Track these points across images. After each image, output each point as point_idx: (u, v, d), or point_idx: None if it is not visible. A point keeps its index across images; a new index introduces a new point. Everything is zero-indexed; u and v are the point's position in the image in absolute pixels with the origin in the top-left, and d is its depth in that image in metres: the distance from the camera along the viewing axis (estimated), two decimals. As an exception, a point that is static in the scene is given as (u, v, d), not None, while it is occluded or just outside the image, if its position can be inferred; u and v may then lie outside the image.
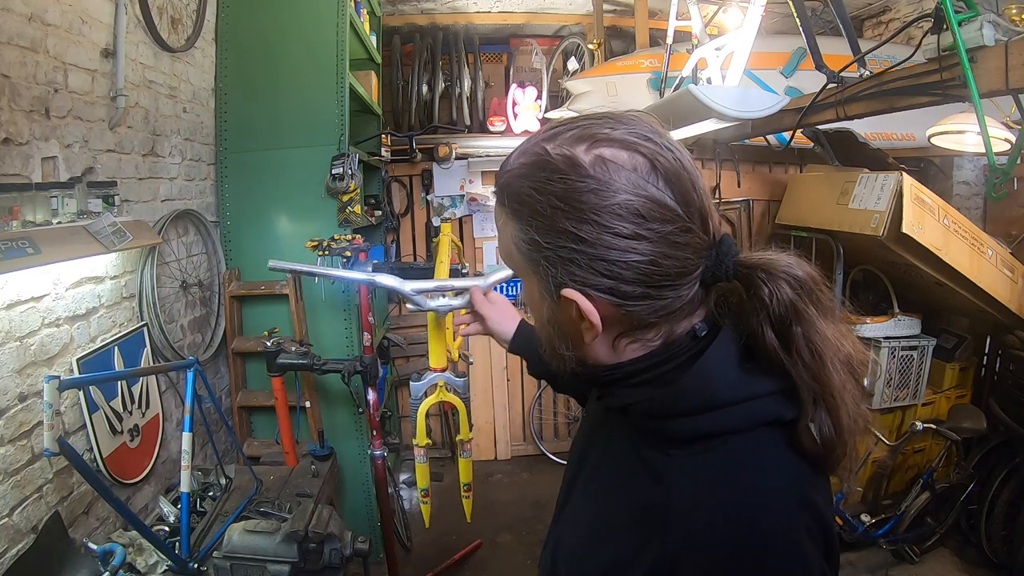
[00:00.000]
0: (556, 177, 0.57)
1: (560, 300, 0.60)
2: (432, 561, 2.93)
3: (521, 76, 4.31)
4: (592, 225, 0.56)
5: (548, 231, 0.58)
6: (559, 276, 0.59)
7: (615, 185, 0.55)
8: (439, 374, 1.48)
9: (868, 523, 2.68)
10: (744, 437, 0.58)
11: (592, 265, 0.57)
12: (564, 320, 0.62)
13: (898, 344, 2.86)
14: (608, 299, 0.58)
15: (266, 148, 2.60)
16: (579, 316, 0.60)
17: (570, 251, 0.57)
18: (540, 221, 0.58)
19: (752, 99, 2.01)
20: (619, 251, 0.56)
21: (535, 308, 0.66)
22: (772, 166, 3.43)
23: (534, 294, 0.64)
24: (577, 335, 0.62)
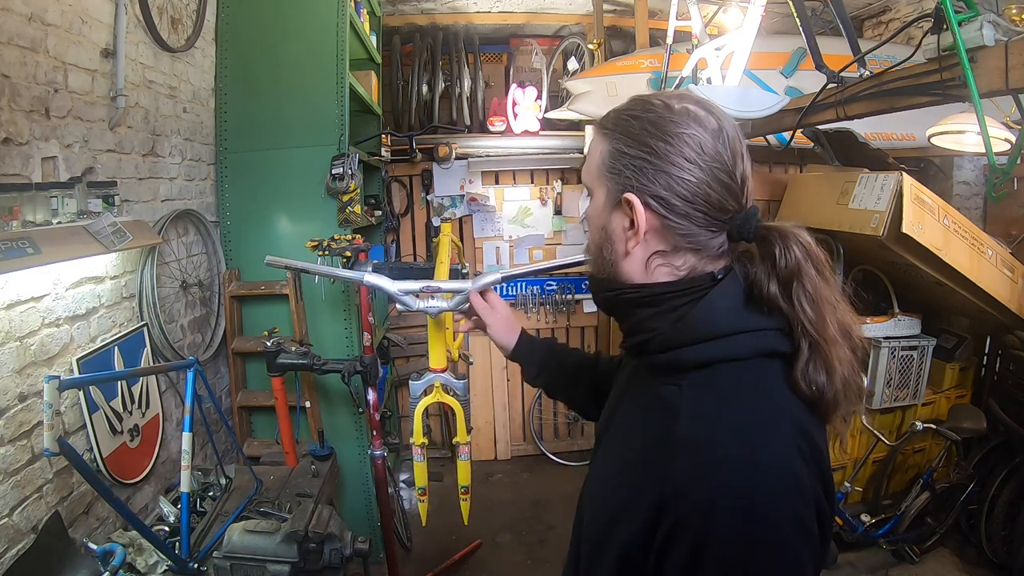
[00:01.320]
0: (651, 109, 0.74)
1: (621, 204, 0.74)
2: (432, 561, 2.93)
3: (521, 76, 4.31)
4: (666, 143, 0.71)
5: (633, 143, 0.73)
6: (629, 181, 0.73)
7: (691, 125, 0.72)
8: (437, 375, 1.48)
9: (868, 523, 2.68)
10: (745, 364, 0.68)
11: (656, 177, 0.71)
12: (617, 228, 0.76)
13: (898, 344, 2.86)
14: (658, 209, 0.71)
15: (266, 148, 2.60)
16: (630, 224, 0.74)
17: (643, 161, 0.72)
18: (629, 137, 0.74)
19: (752, 99, 2.01)
20: (678, 168, 0.71)
21: (595, 219, 0.79)
22: (772, 166, 3.42)
23: (599, 204, 0.78)
24: (622, 243, 0.75)
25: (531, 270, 1.62)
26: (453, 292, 1.43)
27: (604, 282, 0.80)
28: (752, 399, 0.67)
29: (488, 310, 1.25)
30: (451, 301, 1.43)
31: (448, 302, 1.43)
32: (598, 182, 0.78)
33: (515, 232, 4.18)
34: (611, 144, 0.76)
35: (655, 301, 0.74)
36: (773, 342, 0.69)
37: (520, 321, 4.60)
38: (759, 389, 0.68)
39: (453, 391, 1.49)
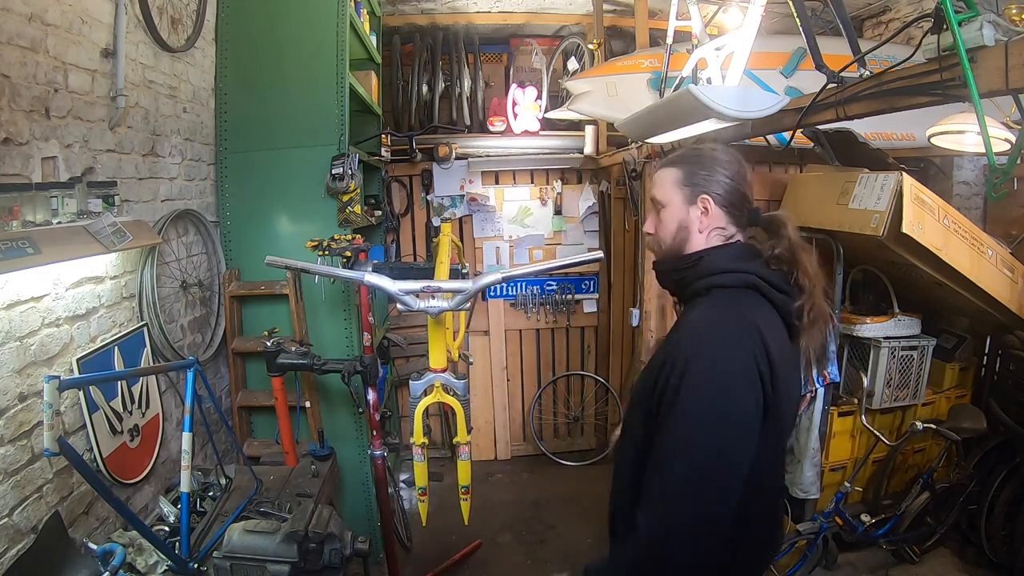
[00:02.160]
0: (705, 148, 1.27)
1: (697, 202, 1.21)
2: (432, 561, 2.93)
3: (521, 76, 4.31)
4: (715, 165, 1.22)
5: (699, 168, 1.22)
6: (699, 188, 1.21)
7: (725, 157, 1.23)
8: (437, 375, 1.48)
9: (868, 523, 2.68)
10: (733, 289, 1.14)
11: (711, 185, 1.20)
12: (693, 219, 1.21)
13: (898, 344, 2.86)
14: (717, 199, 1.20)
15: (266, 148, 2.60)
16: (704, 211, 1.20)
17: (705, 177, 1.21)
18: (694, 165, 1.23)
19: (752, 99, 2.00)
20: (721, 178, 1.21)
21: (667, 220, 1.24)
22: (772, 166, 3.42)
23: (676, 206, 1.23)
24: (694, 224, 1.21)
25: (531, 270, 1.62)
26: (453, 292, 1.43)
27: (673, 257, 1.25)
28: (728, 307, 1.11)
29: None
30: (451, 301, 1.43)
31: (448, 302, 1.43)
32: (674, 192, 1.23)
33: (515, 232, 4.18)
34: (682, 171, 1.23)
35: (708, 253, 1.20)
36: (750, 279, 1.14)
37: (520, 321, 4.60)
38: (734, 303, 1.12)
39: (453, 391, 1.49)
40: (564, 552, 3.07)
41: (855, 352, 3.00)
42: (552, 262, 1.52)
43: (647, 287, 3.16)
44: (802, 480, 2.86)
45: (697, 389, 1.02)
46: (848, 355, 3.00)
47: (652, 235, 1.30)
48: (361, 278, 1.46)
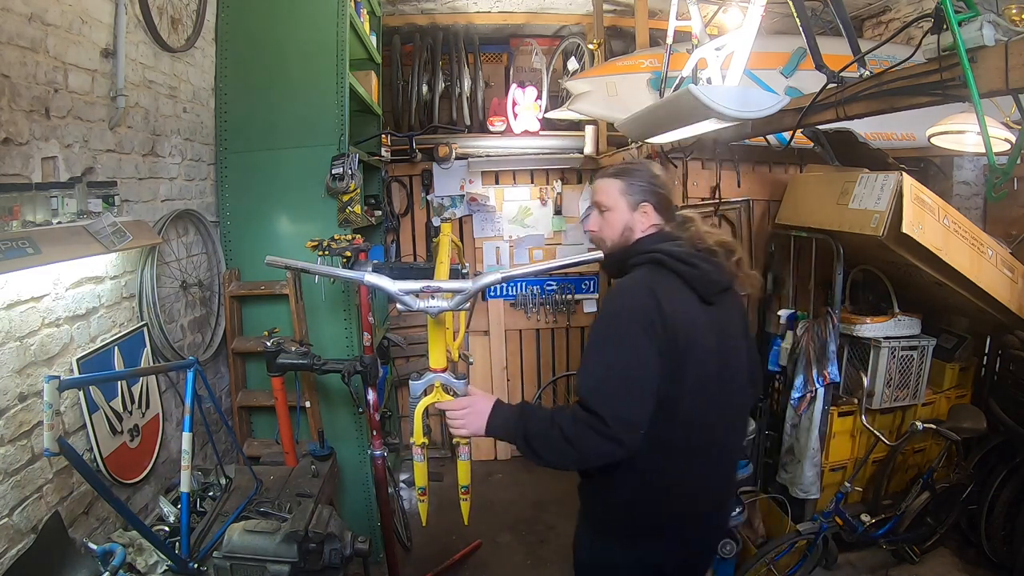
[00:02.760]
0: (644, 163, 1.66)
1: (639, 207, 1.51)
2: (432, 561, 2.93)
3: (521, 76, 4.31)
4: (656, 178, 1.54)
5: (642, 180, 1.52)
6: (641, 198, 1.51)
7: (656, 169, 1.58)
8: (437, 375, 1.48)
9: (868, 523, 2.67)
10: (644, 266, 1.44)
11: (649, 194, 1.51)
12: (636, 221, 1.52)
13: (898, 344, 2.86)
14: (655, 205, 1.51)
15: (266, 148, 2.60)
16: (643, 213, 1.51)
17: (643, 188, 1.51)
18: (638, 177, 1.53)
19: (752, 99, 2.00)
20: (655, 188, 1.52)
21: (614, 222, 1.53)
22: (772, 166, 3.42)
23: (619, 211, 1.53)
24: (638, 227, 1.52)
25: (531, 270, 1.64)
26: (453, 292, 1.43)
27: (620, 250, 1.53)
28: (636, 278, 1.43)
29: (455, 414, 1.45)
30: (451, 301, 1.43)
31: (449, 302, 1.43)
32: (619, 200, 1.53)
33: (515, 232, 4.18)
34: (625, 182, 1.53)
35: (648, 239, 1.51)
36: (654, 256, 1.43)
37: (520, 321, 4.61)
38: (642, 273, 1.43)
39: (453, 391, 1.49)
40: (564, 552, 3.05)
41: (855, 352, 3.00)
42: (552, 262, 1.53)
43: (647, 287, 3.15)
44: (802, 480, 2.86)
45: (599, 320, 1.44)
46: (848, 355, 3.00)
47: (595, 232, 1.59)
48: (361, 278, 1.46)
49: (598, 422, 1.29)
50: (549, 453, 1.36)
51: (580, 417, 1.31)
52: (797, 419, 2.91)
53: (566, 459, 1.37)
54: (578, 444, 1.31)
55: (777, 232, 3.23)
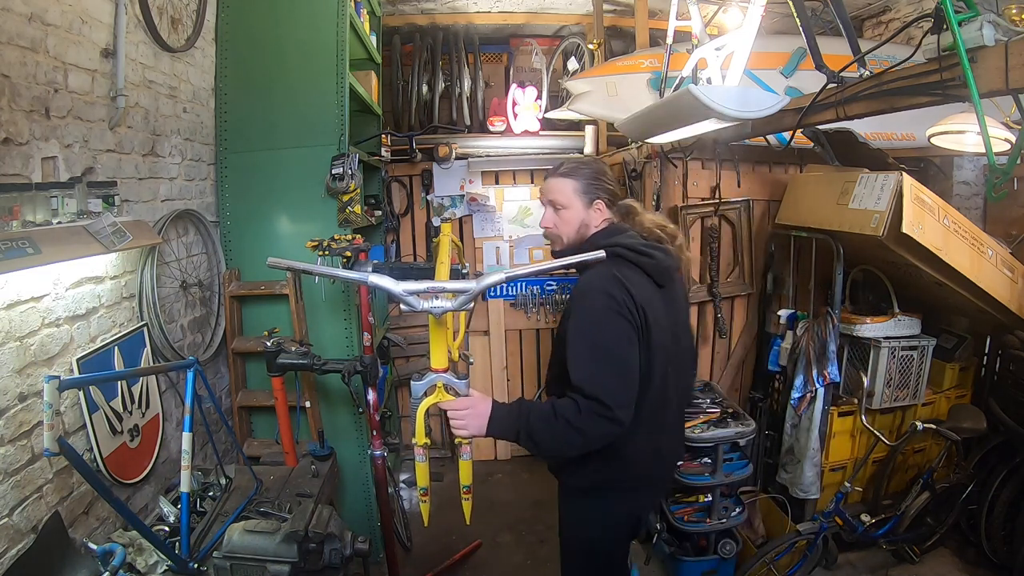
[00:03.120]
0: (592, 162, 1.77)
1: (592, 205, 1.63)
2: (432, 561, 2.93)
3: (521, 76, 4.31)
4: (604, 175, 1.68)
5: (593, 179, 1.64)
6: (594, 196, 1.63)
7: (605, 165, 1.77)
8: (439, 375, 1.48)
9: (868, 523, 2.67)
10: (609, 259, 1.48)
11: (601, 190, 1.64)
12: (591, 217, 1.64)
13: (898, 344, 2.86)
14: (606, 201, 1.65)
15: (266, 148, 2.60)
16: (596, 210, 1.63)
17: (597, 185, 1.64)
18: (590, 176, 1.65)
19: (752, 99, 2.00)
20: (609, 183, 1.67)
21: (570, 219, 1.64)
22: (772, 166, 3.42)
23: (575, 209, 1.64)
24: (593, 222, 1.64)
25: (533, 270, 1.64)
26: (457, 292, 1.43)
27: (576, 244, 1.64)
28: (602, 271, 1.51)
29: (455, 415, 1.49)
30: (455, 301, 1.43)
31: (452, 302, 1.43)
32: (575, 199, 1.64)
33: (515, 232, 4.18)
34: (578, 180, 1.64)
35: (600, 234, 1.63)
36: (615, 250, 1.52)
37: (520, 321, 4.59)
38: (607, 266, 1.50)
39: (455, 391, 1.49)
40: (564, 552, 3.07)
41: (855, 352, 3.00)
42: (554, 262, 1.53)
43: (647, 287, 3.16)
44: (802, 480, 2.86)
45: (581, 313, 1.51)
46: (848, 355, 3.00)
47: (551, 229, 1.68)
48: (365, 279, 1.46)
49: (601, 407, 1.39)
50: (553, 443, 1.46)
51: (583, 405, 1.40)
52: (797, 419, 2.92)
53: (572, 446, 1.46)
54: (586, 430, 1.41)
55: (777, 232, 3.23)
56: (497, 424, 1.47)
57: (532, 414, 1.45)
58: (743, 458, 2.74)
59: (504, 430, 1.47)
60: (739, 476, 2.65)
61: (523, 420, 1.45)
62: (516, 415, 1.46)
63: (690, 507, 2.73)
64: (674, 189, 3.12)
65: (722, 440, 2.59)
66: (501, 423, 1.46)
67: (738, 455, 2.75)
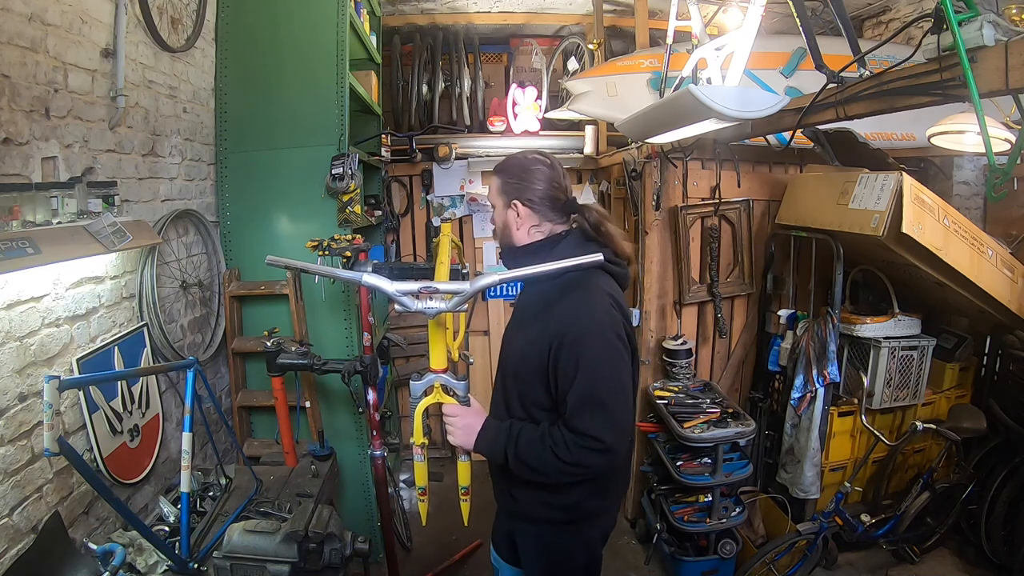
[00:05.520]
0: (519, 159, 1.55)
1: (511, 207, 1.51)
2: (432, 561, 2.93)
3: (521, 76, 4.31)
4: (529, 174, 1.50)
5: (512, 177, 1.52)
6: (512, 196, 1.51)
7: (537, 164, 1.52)
8: (437, 375, 1.48)
9: (868, 523, 2.68)
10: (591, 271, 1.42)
11: (525, 191, 1.50)
12: (510, 219, 1.52)
13: (898, 344, 2.86)
14: (528, 205, 1.50)
15: (266, 148, 2.60)
16: (516, 214, 1.51)
17: (517, 185, 1.50)
18: (510, 174, 1.53)
19: (752, 99, 2.00)
20: (535, 184, 1.49)
21: (499, 218, 1.56)
22: (772, 166, 3.42)
23: (500, 210, 1.55)
24: (514, 225, 1.53)
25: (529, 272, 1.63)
26: (452, 293, 1.43)
27: (509, 249, 1.56)
28: (588, 287, 1.42)
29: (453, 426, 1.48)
30: (450, 302, 1.43)
31: (447, 303, 1.43)
32: (497, 198, 1.55)
33: (515, 232, 4.17)
34: (502, 180, 1.53)
35: (535, 249, 1.52)
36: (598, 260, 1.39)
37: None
38: (591, 282, 1.43)
39: (453, 392, 1.49)
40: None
41: (855, 352, 3.00)
42: (550, 264, 1.52)
43: (647, 287, 3.16)
44: (802, 480, 2.86)
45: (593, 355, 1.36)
46: (848, 355, 3.00)
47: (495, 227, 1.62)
48: (359, 278, 1.46)
49: (597, 443, 1.34)
50: (542, 472, 1.41)
51: (575, 442, 1.35)
52: (797, 419, 2.92)
53: (562, 476, 1.41)
54: (576, 464, 1.36)
55: (777, 232, 3.23)
56: (484, 442, 1.45)
57: (520, 441, 1.41)
58: (743, 458, 2.74)
59: (491, 450, 1.44)
60: (739, 476, 2.65)
61: (511, 445, 1.41)
62: (503, 439, 1.43)
63: (690, 507, 2.73)
64: (674, 189, 3.12)
65: (722, 440, 2.59)
66: (488, 442, 1.44)
67: (738, 455, 2.75)
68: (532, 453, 1.39)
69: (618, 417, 1.38)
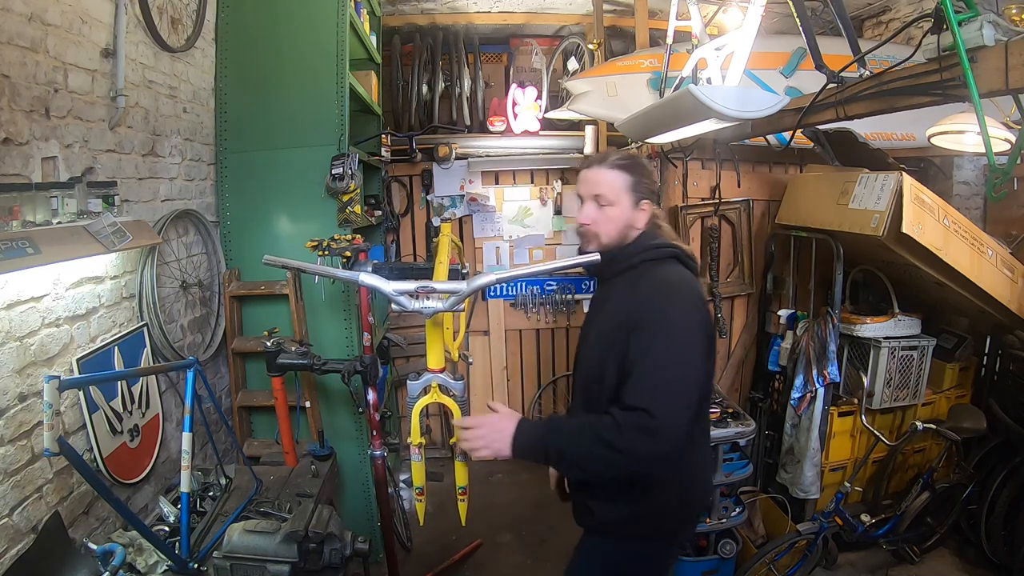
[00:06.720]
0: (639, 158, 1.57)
1: (639, 205, 1.48)
2: (432, 561, 2.93)
3: (521, 76, 4.31)
4: (651, 174, 1.53)
5: (645, 176, 1.49)
6: (643, 195, 1.47)
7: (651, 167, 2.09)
8: (435, 375, 1.48)
9: (868, 523, 2.67)
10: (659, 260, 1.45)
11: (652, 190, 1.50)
12: (636, 216, 1.48)
13: (898, 344, 2.86)
14: (651, 202, 1.49)
15: (266, 148, 2.60)
16: (642, 210, 1.48)
17: (648, 185, 1.49)
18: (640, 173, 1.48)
19: (752, 99, 2.00)
20: (652, 184, 1.51)
21: (615, 218, 1.47)
22: (772, 166, 3.42)
23: (622, 207, 1.46)
24: (638, 222, 1.48)
25: (525, 272, 1.63)
26: (449, 293, 1.43)
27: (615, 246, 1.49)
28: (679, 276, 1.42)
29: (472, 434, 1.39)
30: (447, 302, 1.43)
31: (444, 303, 1.43)
32: (624, 196, 1.46)
33: (515, 232, 4.18)
34: (631, 175, 1.46)
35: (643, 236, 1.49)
36: (674, 252, 1.45)
37: (520, 321, 4.55)
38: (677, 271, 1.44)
39: (451, 392, 1.49)
40: (565, 552, 3.04)
41: (855, 352, 3.00)
42: (547, 264, 1.53)
43: (647, 287, 3.16)
44: (802, 480, 2.86)
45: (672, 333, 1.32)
46: (848, 355, 3.00)
47: (589, 227, 1.48)
48: (356, 278, 1.46)
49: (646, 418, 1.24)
50: (592, 465, 1.31)
51: (624, 419, 1.25)
52: (797, 419, 2.91)
53: (611, 469, 1.32)
54: (624, 449, 1.25)
55: (777, 232, 3.23)
56: (522, 439, 1.33)
57: (564, 432, 1.32)
58: (743, 458, 2.74)
59: (532, 448, 1.33)
60: (739, 476, 2.65)
61: (554, 440, 1.31)
62: (544, 432, 1.34)
63: (690, 507, 2.72)
64: (674, 189, 3.13)
65: (722, 440, 2.59)
66: (529, 441, 1.33)
67: (738, 455, 2.75)
68: (576, 440, 1.29)
69: (676, 396, 1.28)
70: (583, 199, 1.51)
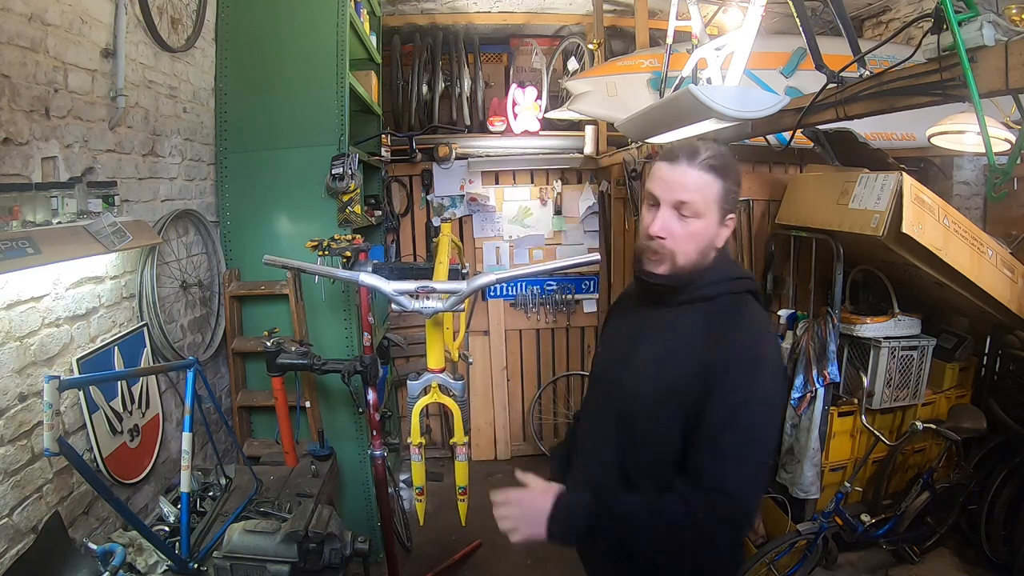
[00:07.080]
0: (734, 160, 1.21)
1: (725, 220, 1.18)
2: (432, 561, 2.93)
3: (521, 76, 4.31)
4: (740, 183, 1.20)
5: (735, 186, 1.18)
6: (730, 210, 1.19)
7: None
8: (435, 375, 1.48)
9: (868, 523, 2.67)
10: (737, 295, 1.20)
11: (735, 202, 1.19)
12: (720, 234, 1.19)
13: (898, 344, 2.85)
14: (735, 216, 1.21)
15: (266, 148, 2.60)
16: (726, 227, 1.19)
17: (736, 195, 1.19)
18: (733, 183, 1.17)
19: (752, 99, 2.00)
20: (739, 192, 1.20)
21: (698, 233, 1.16)
22: (772, 166, 3.43)
23: (710, 222, 1.16)
24: (719, 241, 1.19)
25: (525, 272, 1.63)
26: (449, 293, 1.43)
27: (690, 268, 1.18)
28: (754, 312, 1.20)
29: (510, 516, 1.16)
30: (447, 302, 1.43)
31: (444, 303, 1.43)
32: (713, 209, 1.16)
33: (515, 232, 4.18)
34: (725, 183, 1.15)
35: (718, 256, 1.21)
36: (752, 285, 1.23)
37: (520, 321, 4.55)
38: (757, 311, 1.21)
39: (450, 392, 1.49)
40: (565, 552, 3.06)
41: (855, 352, 2.99)
42: (546, 264, 1.53)
43: (647, 287, 3.16)
44: (802, 480, 2.85)
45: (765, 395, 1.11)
46: (848, 355, 2.99)
47: (664, 241, 1.14)
48: (356, 278, 1.47)
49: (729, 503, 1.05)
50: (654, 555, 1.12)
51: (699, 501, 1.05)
52: (797, 419, 2.91)
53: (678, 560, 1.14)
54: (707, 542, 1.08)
55: (777, 232, 3.22)
56: (560, 525, 1.10)
57: (617, 511, 1.09)
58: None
59: (573, 533, 1.11)
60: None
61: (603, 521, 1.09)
62: (589, 513, 1.10)
63: (690, 507, 2.72)
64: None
65: (722, 440, 2.58)
66: (570, 525, 1.10)
67: (738, 455, 2.74)
68: (635, 527, 1.07)
69: (760, 478, 1.13)
70: (657, 202, 1.16)
